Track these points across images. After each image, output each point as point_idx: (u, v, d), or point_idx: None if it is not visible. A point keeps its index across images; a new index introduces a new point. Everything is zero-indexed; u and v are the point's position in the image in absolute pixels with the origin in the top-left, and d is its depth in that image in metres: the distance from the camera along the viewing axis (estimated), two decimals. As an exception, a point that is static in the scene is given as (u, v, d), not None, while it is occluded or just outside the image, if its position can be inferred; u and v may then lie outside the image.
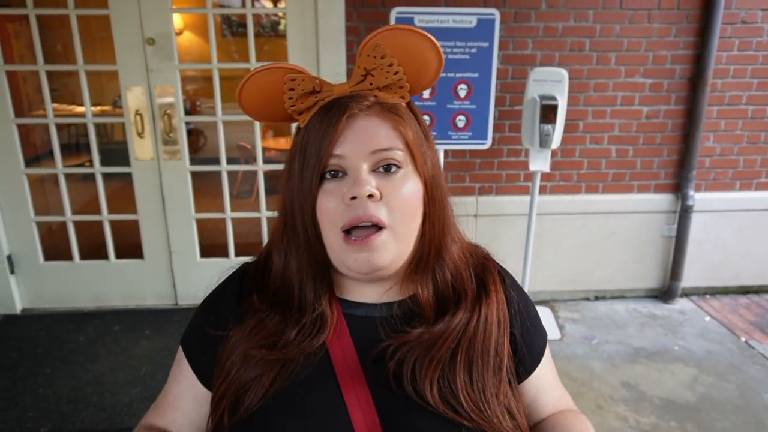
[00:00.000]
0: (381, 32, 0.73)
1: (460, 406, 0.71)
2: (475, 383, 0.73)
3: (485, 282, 0.81)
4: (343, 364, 0.74)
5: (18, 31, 3.75)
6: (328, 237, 0.73)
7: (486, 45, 2.50)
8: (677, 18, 2.84)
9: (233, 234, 3.02)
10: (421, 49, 0.73)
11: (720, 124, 3.03)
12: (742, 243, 3.20)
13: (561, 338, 2.79)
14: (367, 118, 0.72)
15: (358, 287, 0.79)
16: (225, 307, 0.81)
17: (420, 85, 0.77)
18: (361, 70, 0.74)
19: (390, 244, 0.71)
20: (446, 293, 0.79)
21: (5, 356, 2.56)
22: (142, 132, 2.78)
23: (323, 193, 0.72)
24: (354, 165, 0.71)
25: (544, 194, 3.03)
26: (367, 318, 0.78)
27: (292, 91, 0.75)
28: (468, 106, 2.58)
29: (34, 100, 3.86)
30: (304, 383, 0.72)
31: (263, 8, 5.30)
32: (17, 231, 2.91)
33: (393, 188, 0.71)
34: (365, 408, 0.71)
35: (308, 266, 0.76)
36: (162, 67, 2.71)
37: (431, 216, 0.76)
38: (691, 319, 3.02)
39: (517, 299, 0.83)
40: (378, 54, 0.73)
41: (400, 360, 0.73)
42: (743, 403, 2.30)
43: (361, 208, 0.69)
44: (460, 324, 0.75)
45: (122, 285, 3.03)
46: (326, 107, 0.73)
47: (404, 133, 0.73)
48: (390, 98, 0.75)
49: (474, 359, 0.75)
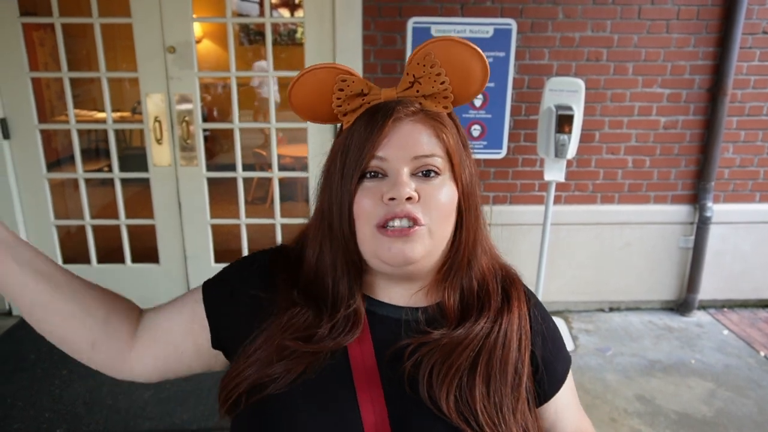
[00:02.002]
0: (433, 42, 0.75)
1: (474, 419, 0.71)
2: (492, 397, 0.73)
3: (509, 296, 0.81)
4: (360, 362, 0.74)
5: (42, 38, 3.83)
6: (362, 232, 0.74)
7: (503, 55, 2.51)
8: (696, 28, 2.82)
9: (247, 240, 3.04)
10: (469, 62, 0.75)
11: (740, 135, 2.99)
12: (762, 255, 3.15)
13: (575, 349, 2.76)
14: (411, 123, 0.74)
15: (386, 287, 0.80)
16: (256, 277, 0.82)
17: (464, 96, 0.78)
18: (409, 77, 0.76)
19: (425, 239, 0.72)
20: (471, 302, 0.79)
21: (23, 357, 2.60)
22: (160, 138, 2.83)
23: (362, 191, 0.73)
24: (395, 167, 0.72)
25: (558, 204, 3.02)
26: (390, 318, 0.79)
27: (342, 91, 0.77)
28: (483, 115, 2.58)
29: (57, 105, 3.94)
30: (319, 378, 0.73)
31: (281, 17, 5.36)
32: (37, 234, 2.96)
33: (431, 192, 0.73)
34: (377, 408, 0.71)
35: (343, 263, 0.77)
36: (182, 74, 2.76)
37: (465, 223, 0.77)
38: (708, 332, 2.97)
39: (541, 320, 0.83)
40: (428, 63, 0.75)
41: (417, 361, 0.73)
42: (762, 419, 2.25)
43: (399, 207, 0.71)
44: (481, 332, 0.76)
45: (138, 289, 3.06)
46: (372, 110, 0.75)
47: (446, 140, 0.75)
48: (434, 107, 0.77)
49: (493, 372, 0.74)
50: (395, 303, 0.80)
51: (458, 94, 0.77)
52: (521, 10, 2.75)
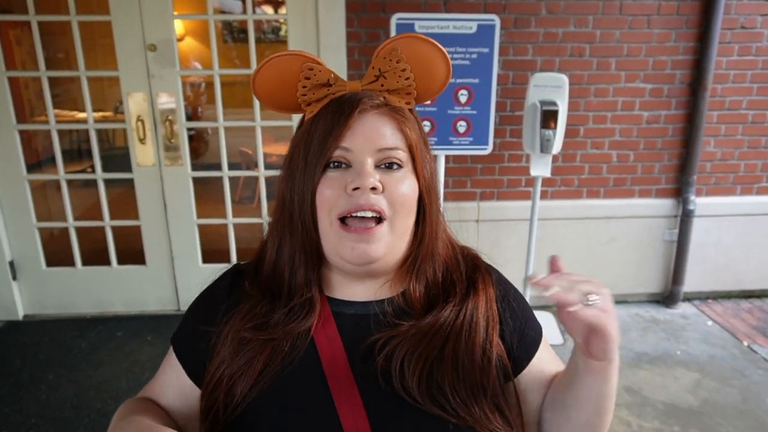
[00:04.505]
0: (399, 38, 0.75)
1: (446, 403, 0.72)
2: (463, 380, 0.74)
3: (475, 281, 0.82)
4: (332, 363, 0.75)
5: (19, 37, 3.76)
6: (324, 223, 0.74)
7: (486, 51, 2.51)
8: (677, 23, 2.85)
9: (235, 239, 3.02)
10: (433, 59, 0.77)
11: (720, 128, 3.03)
12: (744, 247, 3.20)
13: (563, 343, 2.79)
14: (376, 116, 0.75)
15: (348, 285, 0.80)
16: (216, 302, 0.82)
17: (426, 93, 0.80)
18: (375, 71, 0.77)
19: (386, 237, 0.73)
20: (436, 291, 0.80)
21: (8, 362, 2.56)
22: (143, 138, 2.79)
23: (325, 180, 0.74)
24: (360, 158, 0.73)
25: (545, 199, 3.04)
26: (356, 316, 0.79)
27: (308, 80, 0.77)
28: (469, 111, 2.58)
29: (36, 105, 3.87)
30: (292, 381, 0.73)
31: (264, 14, 5.32)
32: (19, 237, 2.91)
33: (394, 183, 0.74)
34: (354, 407, 0.72)
35: (301, 253, 0.77)
36: (163, 73, 2.73)
37: (428, 218, 0.78)
38: (693, 323, 3.02)
39: (505, 295, 0.84)
40: (394, 58, 0.76)
41: (388, 355, 0.74)
42: (746, 408, 2.29)
43: (363, 198, 0.71)
44: (448, 319, 0.76)
45: (124, 291, 3.03)
46: (337, 101, 0.76)
47: (408, 135, 0.76)
48: (397, 102, 0.78)
49: (460, 356, 0.75)
50: (359, 299, 0.80)
51: (421, 91, 0.79)
52: (504, 5, 2.76)
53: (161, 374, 0.85)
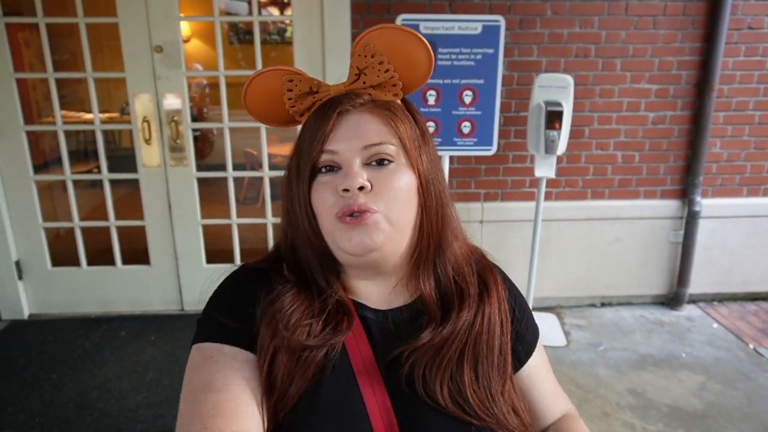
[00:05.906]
0: (370, 32, 0.75)
1: (467, 405, 0.73)
2: (481, 381, 0.75)
3: (486, 280, 0.82)
4: (362, 367, 0.75)
5: (28, 39, 3.79)
6: (324, 225, 0.75)
7: (491, 51, 2.51)
8: (683, 24, 2.84)
9: (239, 240, 3.03)
10: (409, 47, 0.75)
11: (727, 129, 3.02)
12: (751, 249, 3.18)
13: (567, 345, 2.78)
14: (358, 114, 0.75)
15: (364, 286, 0.80)
16: (240, 290, 0.78)
17: (413, 81, 0.79)
18: (354, 70, 0.77)
19: (382, 224, 0.72)
20: (449, 289, 0.80)
21: (13, 361, 2.57)
22: (149, 139, 2.80)
23: (318, 186, 0.74)
24: (347, 159, 0.73)
25: (549, 200, 3.03)
26: (378, 322, 0.79)
27: (291, 92, 0.78)
28: (473, 112, 2.58)
29: (44, 107, 3.89)
30: (327, 385, 0.73)
31: (270, 15, 5.33)
32: (25, 237, 2.93)
33: (384, 180, 0.73)
34: (384, 411, 0.72)
35: (313, 257, 0.78)
36: (169, 74, 2.74)
37: (428, 209, 0.77)
38: (698, 325, 3.00)
39: (512, 296, 0.86)
40: (368, 53, 0.75)
41: (412, 363, 0.75)
42: (752, 411, 2.27)
43: (353, 199, 0.71)
44: (466, 323, 0.77)
45: (129, 291, 3.04)
46: (322, 106, 0.76)
47: (396, 127, 0.75)
48: (384, 96, 0.78)
49: (479, 358, 0.76)
50: (376, 306, 0.80)
51: (406, 81, 0.78)
52: (509, 6, 2.76)
53: (218, 394, 0.67)
